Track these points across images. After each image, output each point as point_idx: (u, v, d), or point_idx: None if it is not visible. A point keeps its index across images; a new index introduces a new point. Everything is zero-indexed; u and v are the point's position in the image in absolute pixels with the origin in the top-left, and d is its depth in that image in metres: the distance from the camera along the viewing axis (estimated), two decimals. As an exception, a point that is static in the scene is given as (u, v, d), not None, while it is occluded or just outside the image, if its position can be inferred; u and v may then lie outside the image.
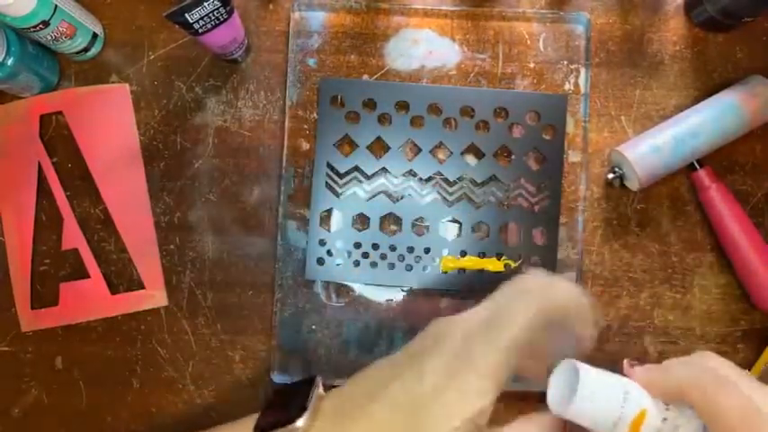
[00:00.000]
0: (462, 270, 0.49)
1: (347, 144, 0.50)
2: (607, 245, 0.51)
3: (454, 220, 0.50)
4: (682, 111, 0.50)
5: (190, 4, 0.41)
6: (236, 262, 0.50)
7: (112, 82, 0.51)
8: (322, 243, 0.49)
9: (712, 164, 0.50)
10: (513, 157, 0.50)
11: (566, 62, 0.51)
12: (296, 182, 0.50)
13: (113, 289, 0.50)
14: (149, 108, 0.51)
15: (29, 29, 0.44)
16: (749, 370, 0.49)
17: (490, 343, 0.30)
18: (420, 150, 0.50)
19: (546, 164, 0.50)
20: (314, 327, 0.50)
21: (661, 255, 0.51)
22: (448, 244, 0.49)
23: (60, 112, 0.51)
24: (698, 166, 0.49)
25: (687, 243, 0.51)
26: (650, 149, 0.47)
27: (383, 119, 0.50)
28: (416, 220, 0.50)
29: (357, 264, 0.49)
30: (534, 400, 0.49)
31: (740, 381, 0.30)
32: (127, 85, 0.51)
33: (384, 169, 0.50)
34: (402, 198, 0.50)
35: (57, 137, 0.51)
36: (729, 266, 0.50)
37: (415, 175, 0.50)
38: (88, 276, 0.50)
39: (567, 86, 0.51)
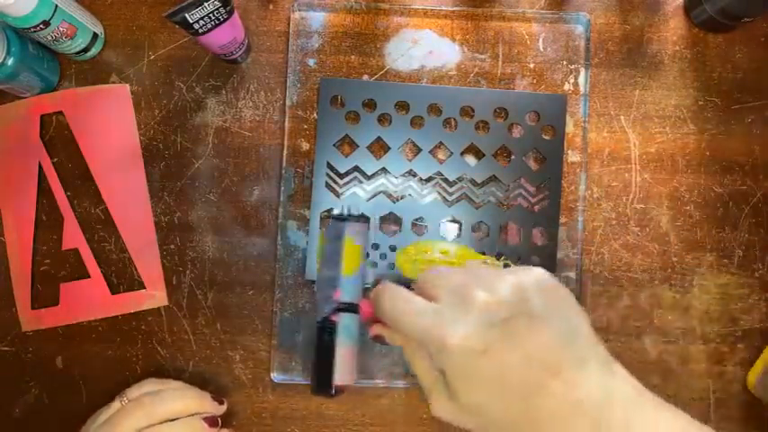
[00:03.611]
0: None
1: (347, 144, 0.50)
2: (607, 245, 0.51)
3: (454, 220, 0.50)
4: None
5: (190, 4, 0.41)
6: (236, 262, 0.50)
7: (113, 82, 0.51)
8: (322, 243, 0.49)
9: (711, 164, 0.50)
10: (512, 157, 0.50)
11: (565, 62, 0.51)
12: (296, 182, 0.50)
13: (114, 289, 0.50)
14: (149, 108, 0.51)
15: (29, 29, 0.44)
16: (749, 370, 0.50)
17: None
18: (420, 150, 0.50)
19: (546, 164, 0.50)
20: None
21: (661, 255, 0.51)
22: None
23: (61, 113, 0.51)
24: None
25: (687, 243, 0.51)
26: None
27: (383, 119, 0.50)
28: (416, 220, 0.50)
29: (357, 264, 0.49)
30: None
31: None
32: (127, 86, 0.51)
33: (384, 169, 0.50)
34: (402, 198, 0.50)
35: (57, 137, 0.51)
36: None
37: (415, 175, 0.50)
38: (88, 276, 0.50)
39: (566, 86, 0.51)
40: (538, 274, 0.32)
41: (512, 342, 0.29)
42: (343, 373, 0.40)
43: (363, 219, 0.43)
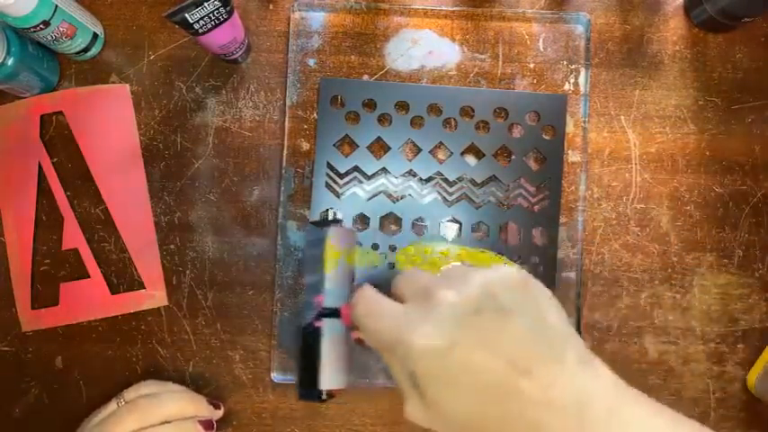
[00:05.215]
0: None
1: (347, 144, 0.50)
2: (607, 245, 0.51)
3: (454, 220, 0.50)
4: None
5: (190, 4, 0.41)
6: (236, 262, 0.50)
7: (112, 82, 0.51)
8: (322, 243, 0.49)
9: (711, 164, 0.50)
10: (512, 157, 0.50)
11: (565, 62, 0.51)
12: (296, 182, 0.50)
13: (113, 289, 0.50)
14: (149, 108, 0.51)
15: (29, 29, 0.44)
16: (749, 370, 0.50)
17: None
18: (420, 150, 0.50)
19: (546, 164, 0.50)
20: (314, 327, 0.50)
21: (661, 255, 0.51)
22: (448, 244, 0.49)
23: (60, 112, 0.51)
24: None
25: (687, 243, 0.51)
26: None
27: (383, 119, 0.50)
28: (416, 219, 0.50)
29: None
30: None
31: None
32: (127, 86, 0.51)
33: (384, 169, 0.50)
34: (402, 198, 0.50)
35: (57, 137, 0.51)
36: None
37: (415, 175, 0.50)
38: (88, 276, 0.50)
39: (566, 86, 0.51)
40: (505, 270, 0.30)
41: (478, 338, 0.27)
42: (330, 377, 0.39)
43: (341, 222, 0.42)
